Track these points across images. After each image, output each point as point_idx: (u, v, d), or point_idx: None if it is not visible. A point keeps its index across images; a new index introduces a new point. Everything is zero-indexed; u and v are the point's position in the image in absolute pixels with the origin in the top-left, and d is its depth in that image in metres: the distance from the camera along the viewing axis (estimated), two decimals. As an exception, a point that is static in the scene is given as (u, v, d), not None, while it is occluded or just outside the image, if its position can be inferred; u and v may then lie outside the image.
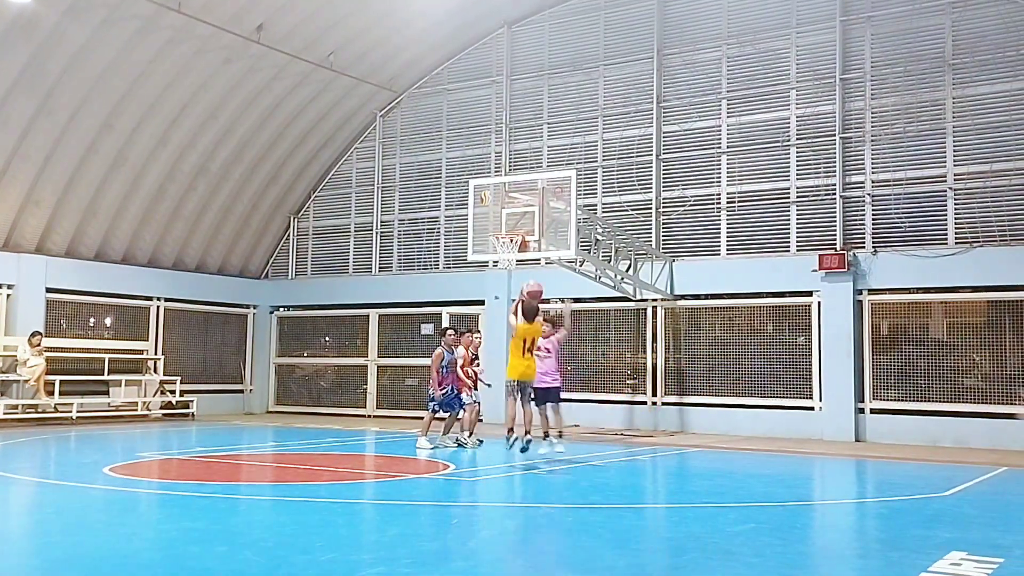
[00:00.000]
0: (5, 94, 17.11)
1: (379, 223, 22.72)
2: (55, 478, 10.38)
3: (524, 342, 11.97)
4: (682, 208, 18.99)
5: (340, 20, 19.61)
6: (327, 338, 23.43)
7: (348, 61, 20.66)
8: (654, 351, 18.81)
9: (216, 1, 17.74)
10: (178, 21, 17.58)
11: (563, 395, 13.48)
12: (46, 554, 6.89)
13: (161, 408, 20.29)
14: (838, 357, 16.86)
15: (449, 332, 14.24)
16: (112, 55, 17.71)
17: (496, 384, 14.63)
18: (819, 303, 17.24)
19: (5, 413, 17.36)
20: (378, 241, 22.70)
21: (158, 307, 21.43)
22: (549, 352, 12.91)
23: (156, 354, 20.97)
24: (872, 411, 16.72)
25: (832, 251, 17.14)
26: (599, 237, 17.08)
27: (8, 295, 18.72)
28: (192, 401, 20.58)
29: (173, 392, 20.42)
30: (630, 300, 18.62)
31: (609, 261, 17.42)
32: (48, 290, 19.19)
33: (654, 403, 18.70)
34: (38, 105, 17.63)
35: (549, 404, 12.78)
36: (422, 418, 14.26)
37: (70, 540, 7.29)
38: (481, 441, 14.03)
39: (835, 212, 17.50)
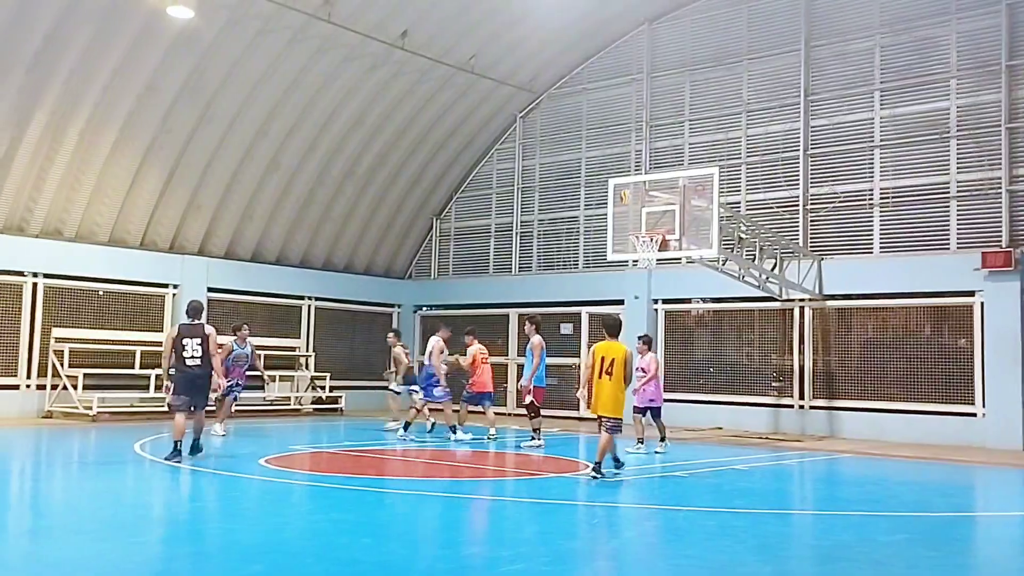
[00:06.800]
0: (171, 104, 18.16)
1: (519, 223, 22.90)
2: (214, 468, 10.95)
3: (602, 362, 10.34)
4: (831, 205, 18.30)
5: (480, 23, 19.88)
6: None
7: (488, 63, 20.92)
8: (801, 353, 18.20)
9: (362, 9, 18.31)
10: (326, 30, 18.23)
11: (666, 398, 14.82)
12: (200, 544, 7.25)
13: (312, 403, 21.09)
14: (1004, 361, 15.86)
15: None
16: (266, 65, 18.54)
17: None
18: (982, 304, 16.27)
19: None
20: (518, 241, 22.89)
21: (309, 306, 22.29)
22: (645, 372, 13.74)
23: (307, 351, 21.83)
24: (1042, 418, 15.65)
25: (997, 248, 16.16)
26: (742, 235, 16.67)
27: (174, 294, 19.88)
28: (341, 396, 21.30)
29: (323, 388, 21.19)
30: (776, 300, 18.10)
31: (753, 260, 16.97)
32: (209, 290, 20.24)
33: (801, 406, 18.09)
34: (200, 114, 18.64)
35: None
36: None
37: (226, 527, 7.65)
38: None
39: (1000, 207, 16.47)
